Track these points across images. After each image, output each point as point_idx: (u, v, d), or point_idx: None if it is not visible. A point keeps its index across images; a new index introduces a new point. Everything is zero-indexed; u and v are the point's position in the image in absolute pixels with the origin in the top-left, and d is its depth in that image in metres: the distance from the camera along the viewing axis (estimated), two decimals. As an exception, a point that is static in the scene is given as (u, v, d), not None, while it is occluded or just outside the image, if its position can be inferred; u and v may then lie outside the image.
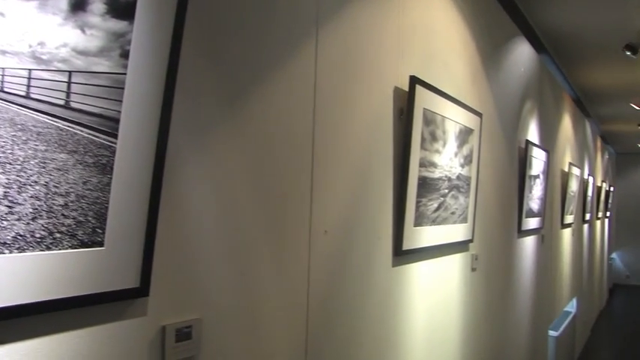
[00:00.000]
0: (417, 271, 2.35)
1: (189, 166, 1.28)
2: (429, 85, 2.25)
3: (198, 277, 1.32)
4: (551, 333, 5.63)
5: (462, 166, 2.62)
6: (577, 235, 7.27)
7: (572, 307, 7.04)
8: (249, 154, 1.46)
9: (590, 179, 8.10)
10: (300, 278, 1.65)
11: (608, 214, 11.79)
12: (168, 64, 1.16)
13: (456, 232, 2.63)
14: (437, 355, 2.60)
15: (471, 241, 2.88)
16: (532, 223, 4.33)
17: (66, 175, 0.98)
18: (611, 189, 12.52)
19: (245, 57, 1.44)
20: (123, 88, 1.07)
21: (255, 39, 1.47)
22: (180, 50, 1.18)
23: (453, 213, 2.55)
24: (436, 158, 2.33)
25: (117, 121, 1.06)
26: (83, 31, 0.98)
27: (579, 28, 4.64)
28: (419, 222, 2.23)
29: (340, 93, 1.82)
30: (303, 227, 1.65)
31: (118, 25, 1.04)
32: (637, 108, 5.86)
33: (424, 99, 2.20)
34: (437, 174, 2.34)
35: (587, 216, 8.01)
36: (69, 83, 0.98)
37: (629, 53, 3.97)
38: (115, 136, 1.06)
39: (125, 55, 1.06)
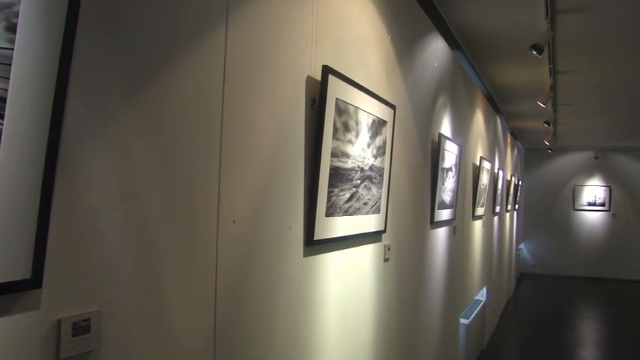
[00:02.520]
0: (330, 261, 2.36)
1: (89, 153, 1.22)
2: (343, 75, 2.25)
3: (99, 267, 1.26)
4: (462, 321, 5.82)
5: (375, 157, 2.64)
6: (487, 227, 7.55)
7: (482, 295, 7.31)
8: (154, 142, 1.41)
9: (501, 173, 8.43)
10: (208, 269, 1.61)
11: (516, 206, 12.32)
12: (62, 42, 1.09)
13: (368, 223, 2.66)
14: (350, 345, 2.61)
15: (383, 231, 2.91)
16: (444, 214, 4.45)
17: (-58, 156, 0.91)
18: (520, 183, 13.09)
19: (150, 40, 1.38)
20: (10, 65, 0.99)
21: (162, 20, 1.41)
22: (76, 26, 1.11)
23: (365, 203, 2.57)
24: (349, 148, 2.33)
25: (3, 100, 0.99)
26: (-42, 0, 0.91)
27: (491, 27, 4.80)
28: (331, 212, 2.23)
29: (251, 81, 1.79)
30: (210, 216, 1.61)
31: (1, -5, 0.96)
32: (543, 106, 6.12)
33: (337, 89, 2.20)
34: (349, 164, 2.35)
35: (497, 208, 8.33)
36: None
37: (535, 53, 4.12)
38: (1, 117, 0.99)
39: (12, 28, 0.98)
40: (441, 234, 4.52)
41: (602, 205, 14.69)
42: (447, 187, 4.41)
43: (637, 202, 14.46)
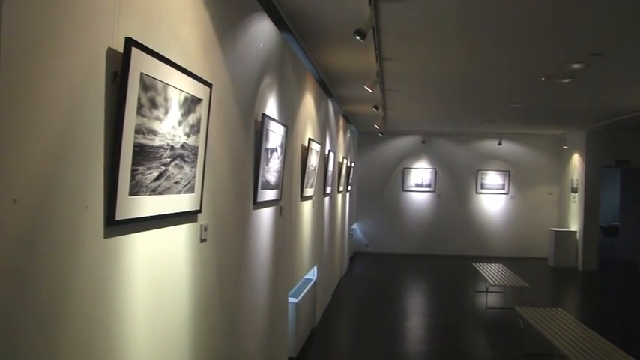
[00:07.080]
0: (137, 242, 2.26)
1: None
2: (149, 49, 2.16)
3: None
4: (291, 300, 5.94)
5: (188, 135, 2.58)
6: (318, 208, 7.76)
7: (312, 274, 7.52)
8: None
9: (332, 155, 8.69)
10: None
11: (349, 188, 12.82)
12: None
13: (180, 203, 2.59)
14: (162, 328, 2.54)
15: (199, 211, 2.86)
16: (269, 194, 4.48)
17: None
18: (353, 165, 13.63)
19: None
20: None
21: None
22: None
23: (177, 183, 2.51)
24: (156, 126, 2.25)
25: None
26: None
27: (319, 11, 4.88)
28: (136, 191, 2.14)
29: (38, 48, 1.65)
30: (-17, 195, 1.47)
31: None
32: (370, 90, 6.37)
33: (142, 63, 2.10)
34: (157, 142, 2.27)
35: (328, 189, 8.60)
36: None
37: (358, 38, 4.23)
38: None
39: None
40: (265, 214, 4.55)
41: (429, 186, 15.80)
42: (272, 168, 4.44)
43: (458, 184, 15.74)
